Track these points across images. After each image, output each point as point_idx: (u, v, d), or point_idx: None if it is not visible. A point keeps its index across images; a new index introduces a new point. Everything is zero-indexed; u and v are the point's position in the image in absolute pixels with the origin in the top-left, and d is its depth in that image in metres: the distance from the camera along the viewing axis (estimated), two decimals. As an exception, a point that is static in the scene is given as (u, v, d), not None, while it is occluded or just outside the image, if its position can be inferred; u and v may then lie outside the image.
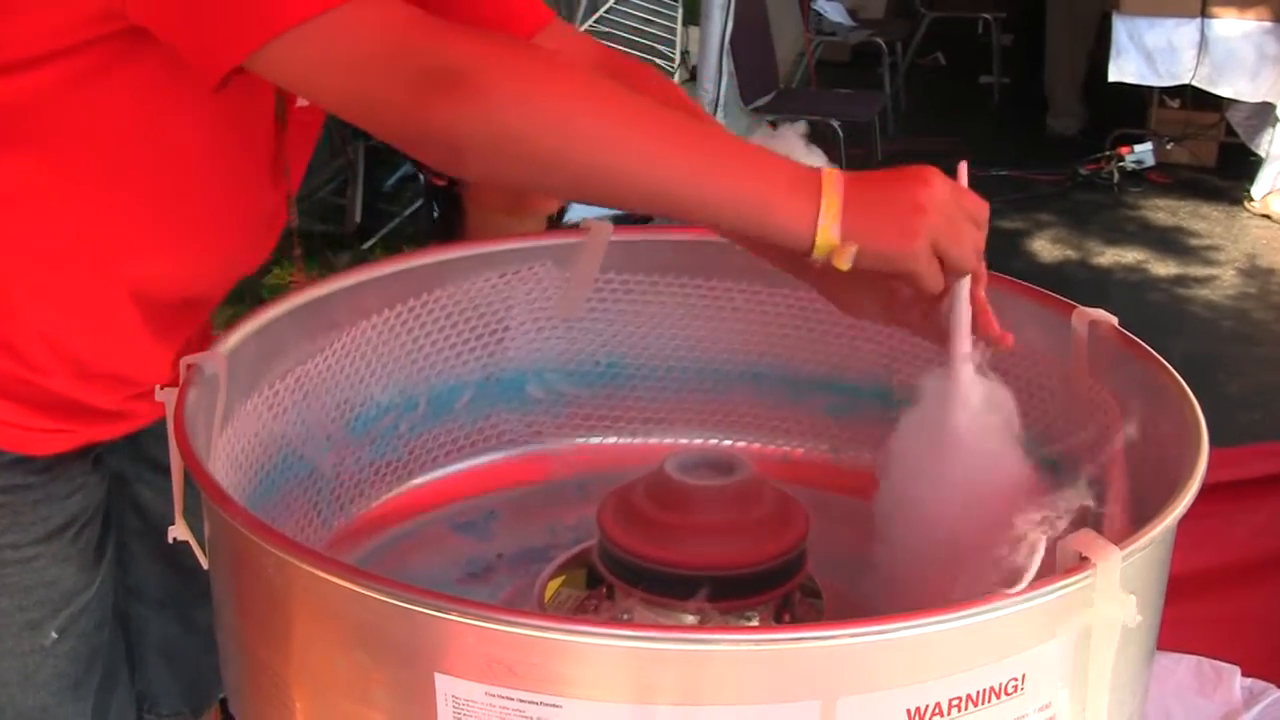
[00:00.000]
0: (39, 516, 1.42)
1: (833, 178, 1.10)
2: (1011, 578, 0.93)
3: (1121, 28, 6.55)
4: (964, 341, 1.20)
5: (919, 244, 1.11)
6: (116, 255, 1.34)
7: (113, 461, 1.53)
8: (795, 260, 1.14)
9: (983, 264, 1.19)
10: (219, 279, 1.46)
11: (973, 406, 1.19)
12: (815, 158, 1.80)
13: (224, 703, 1.78)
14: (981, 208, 1.17)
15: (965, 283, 1.19)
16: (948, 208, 1.13)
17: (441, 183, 2.19)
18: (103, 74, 1.23)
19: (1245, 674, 2.01)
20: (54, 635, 1.46)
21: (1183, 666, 2.00)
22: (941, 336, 1.21)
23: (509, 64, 1.08)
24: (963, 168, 1.23)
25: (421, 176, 2.22)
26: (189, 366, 1.19)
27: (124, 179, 1.30)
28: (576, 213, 1.90)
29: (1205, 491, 1.06)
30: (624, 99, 1.11)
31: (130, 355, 1.40)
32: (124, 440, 1.50)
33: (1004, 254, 5.47)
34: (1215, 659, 2.02)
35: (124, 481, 1.56)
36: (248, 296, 4.35)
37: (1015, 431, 1.20)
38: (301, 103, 1.38)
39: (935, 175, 1.14)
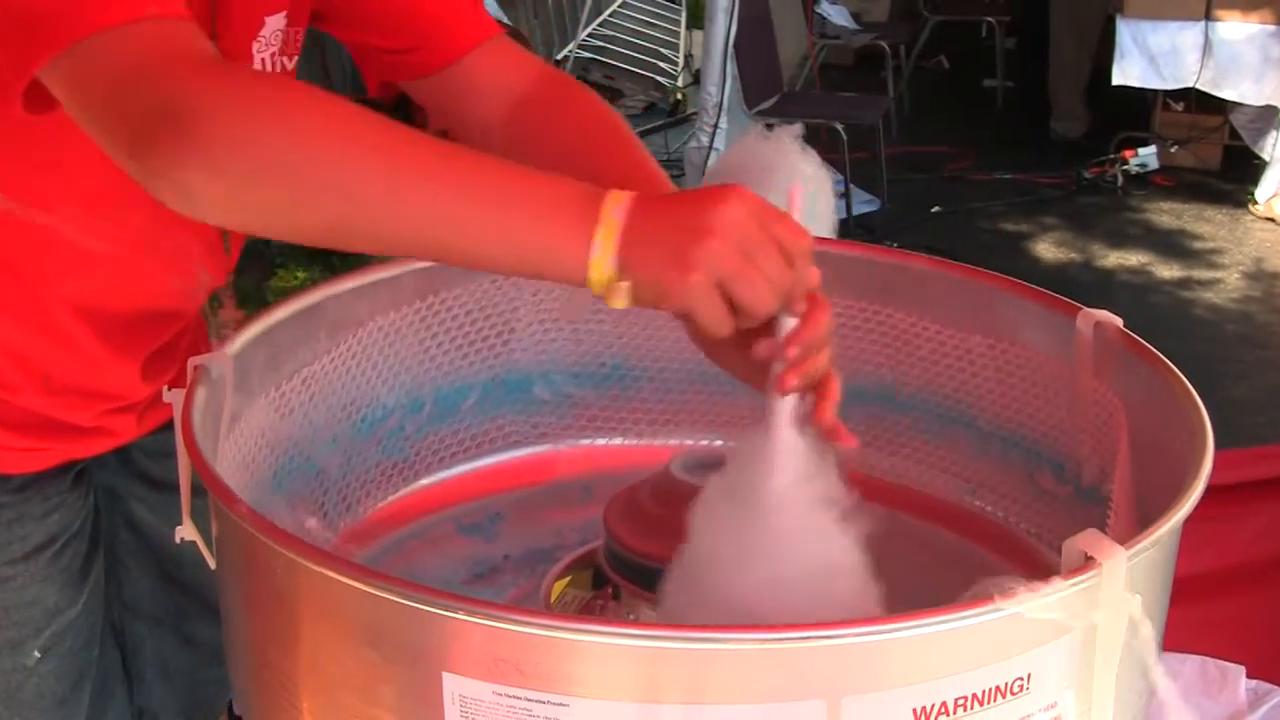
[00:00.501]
0: (15, 536, 1.41)
1: (616, 204, 0.98)
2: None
3: (1125, 31, 6.56)
4: (781, 402, 1.06)
5: (694, 277, 0.96)
6: (52, 271, 1.32)
7: (103, 477, 1.52)
8: None
9: (814, 311, 1.05)
10: (171, 293, 1.41)
11: (786, 483, 1.05)
12: (810, 160, 1.80)
13: (230, 707, 1.78)
14: (798, 239, 1.01)
15: (785, 327, 1.04)
16: (744, 236, 0.97)
17: None
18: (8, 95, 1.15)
19: (1250, 675, 2.01)
20: (37, 655, 1.44)
21: (1188, 667, 2.00)
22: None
23: (235, 101, 0.99)
24: (795, 192, 1.08)
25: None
26: (196, 368, 1.19)
27: (47, 196, 1.27)
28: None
29: (1209, 493, 1.06)
30: (374, 136, 1.01)
31: (92, 369, 1.39)
32: (114, 456, 1.49)
33: (1008, 256, 5.48)
34: (1220, 660, 2.02)
35: (116, 497, 1.54)
36: (254, 299, 4.37)
37: (835, 505, 1.06)
38: None
39: (739, 197, 0.99)
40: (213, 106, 0.98)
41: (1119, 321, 1.32)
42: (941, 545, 1.45)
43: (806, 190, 1.32)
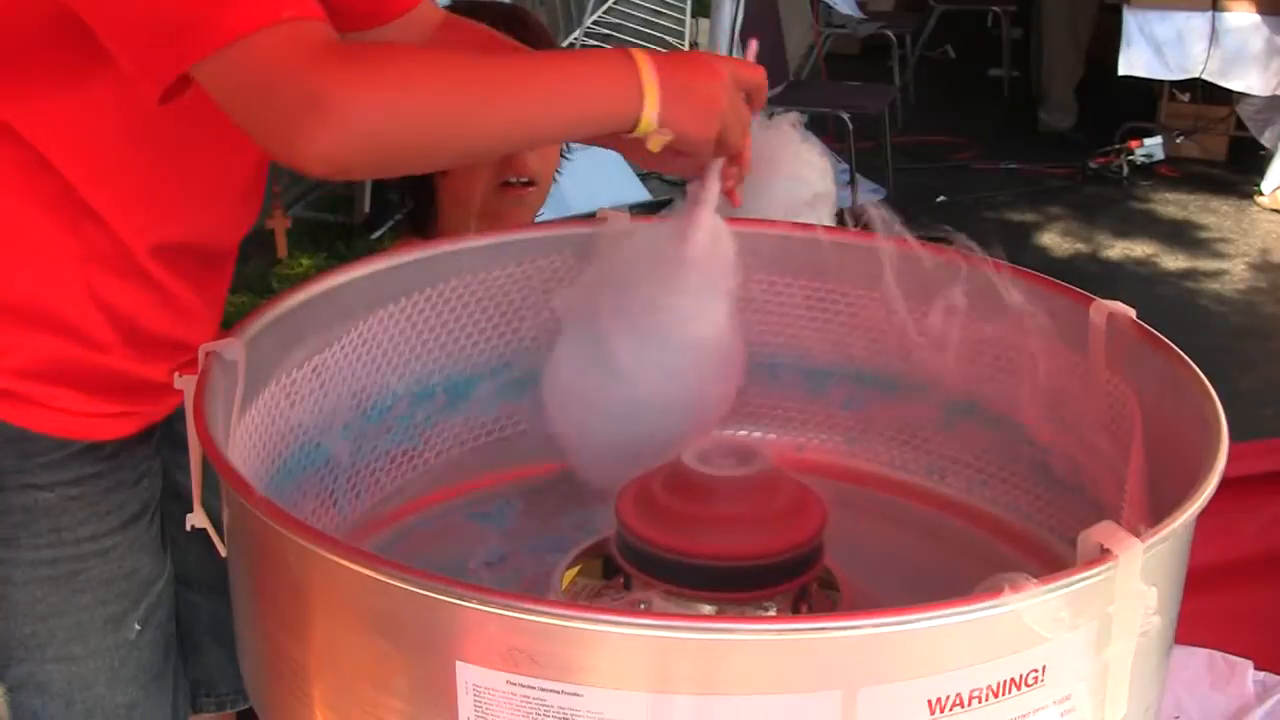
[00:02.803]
0: (113, 505, 1.44)
1: (647, 66, 1.24)
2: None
3: (1132, 20, 6.54)
4: (707, 209, 1.35)
5: (713, 133, 1.28)
6: (135, 219, 1.36)
7: None
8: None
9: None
10: (233, 229, 1.50)
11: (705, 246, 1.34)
12: (812, 148, 1.80)
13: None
14: (760, 76, 1.35)
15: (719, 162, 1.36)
16: (734, 99, 1.30)
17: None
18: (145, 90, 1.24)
19: (1258, 668, 2.01)
20: (137, 627, 1.47)
21: (1195, 660, 1.99)
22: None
23: (366, 85, 1.14)
24: (752, 46, 1.42)
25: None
26: (208, 354, 1.19)
27: (132, 156, 1.33)
28: (593, 203, 1.90)
29: (1217, 485, 1.05)
30: (467, 72, 1.21)
31: (176, 315, 1.43)
32: (160, 428, 1.51)
33: (1014, 247, 5.39)
34: (1228, 653, 2.01)
35: (162, 470, 1.56)
36: (259, 287, 4.37)
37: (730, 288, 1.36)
38: None
39: (724, 66, 1.30)
40: (351, 93, 1.13)
41: (1132, 313, 1.32)
42: (953, 536, 1.44)
43: (806, 179, 1.36)
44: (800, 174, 1.96)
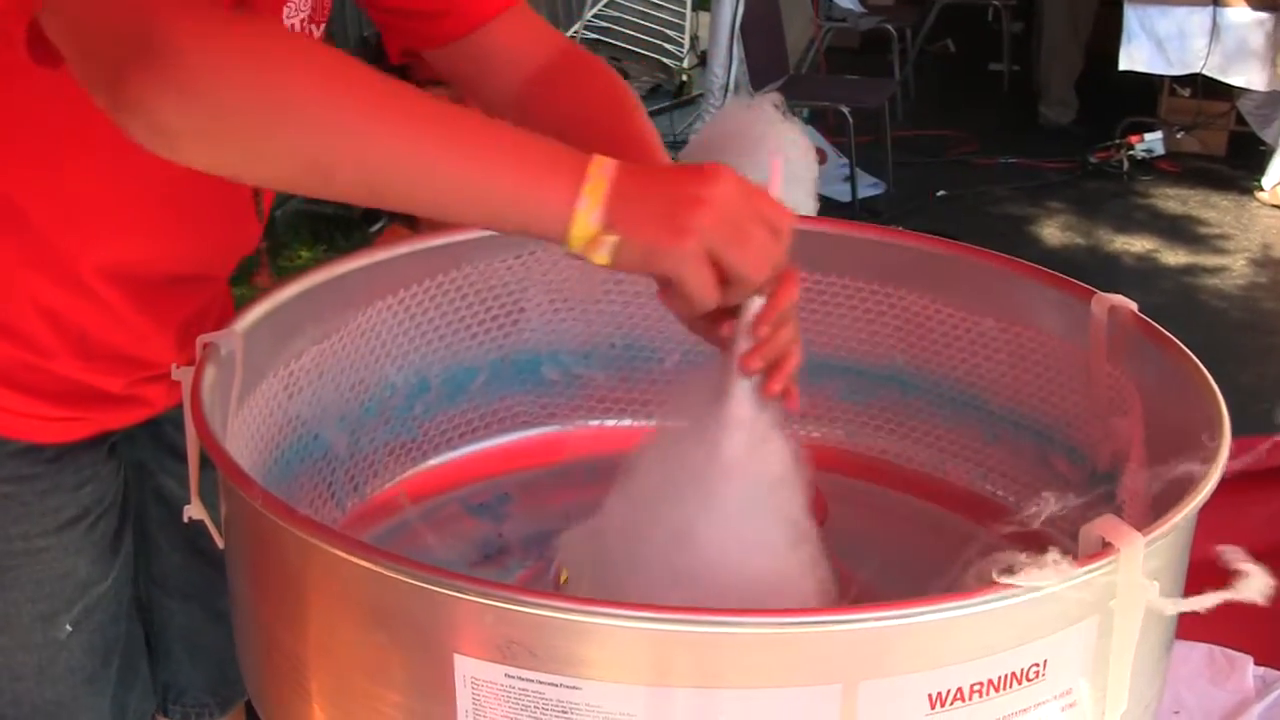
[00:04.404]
0: (48, 508, 1.41)
1: (603, 165, 0.99)
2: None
3: (1133, 15, 6.54)
4: (740, 380, 1.08)
5: (689, 244, 0.97)
6: (81, 235, 1.31)
7: (133, 451, 1.52)
8: None
9: (784, 285, 1.06)
10: (203, 258, 1.43)
11: (735, 458, 1.07)
12: (792, 127, 1.78)
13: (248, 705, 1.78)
14: (781, 215, 1.02)
15: (752, 305, 1.06)
16: (734, 209, 0.99)
17: None
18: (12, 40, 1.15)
19: (1258, 663, 2.01)
20: (68, 628, 1.45)
21: (1195, 655, 1.99)
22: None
23: (212, 31, 0.95)
24: (775, 166, 1.11)
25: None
26: (205, 345, 1.18)
27: (69, 160, 1.27)
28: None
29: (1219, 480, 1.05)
30: (356, 77, 0.99)
31: (128, 335, 1.39)
32: (144, 429, 1.50)
33: (1014, 241, 5.47)
34: (1228, 648, 2.01)
35: (146, 472, 1.55)
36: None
37: (783, 485, 1.09)
38: None
39: (727, 174, 1.01)
40: (188, 37, 0.94)
41: (1134, 306, 1.31)
42: (954, 530, 1.44)
43: (789, 159, 1.32)
44: (786, 154, 1.93)
